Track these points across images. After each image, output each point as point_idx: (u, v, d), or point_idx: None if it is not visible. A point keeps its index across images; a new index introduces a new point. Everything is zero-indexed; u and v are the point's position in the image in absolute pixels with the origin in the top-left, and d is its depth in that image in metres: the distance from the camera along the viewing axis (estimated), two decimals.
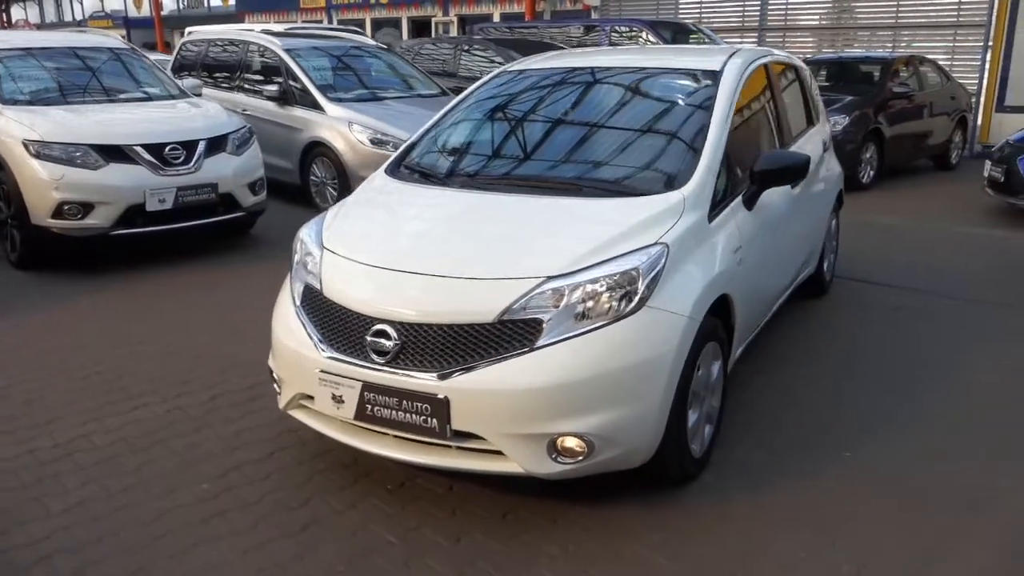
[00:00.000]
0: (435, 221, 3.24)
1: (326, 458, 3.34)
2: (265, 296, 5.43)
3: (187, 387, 4.05)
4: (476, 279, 2.78)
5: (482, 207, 3.27)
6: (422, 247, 3.04)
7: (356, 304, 2.86)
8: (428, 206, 3.38)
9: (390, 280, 2.88)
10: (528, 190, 3.35)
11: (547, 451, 2.68)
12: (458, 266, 2.85)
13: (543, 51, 10.77)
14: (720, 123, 3.44)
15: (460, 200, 3.36)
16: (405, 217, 3.33)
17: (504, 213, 3.19)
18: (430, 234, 3.14)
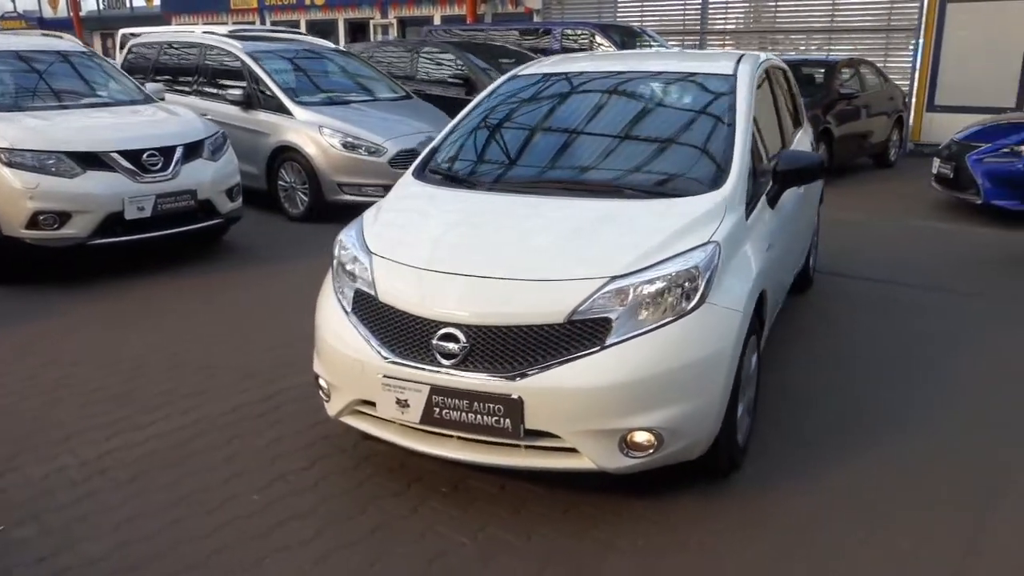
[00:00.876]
0: (484, 224, 3.26)
1: (371, 465, 3.32)
2: (264, 304, 5.42)
3: (204, 399, 3.96)
4: (542, 280, 2.82)
5: (528, 209, 3.31)
6: (480, 250, 3.05)
7: (419, 308, 2.86)
8: (472, 210, 3.40)
9: (454, 283, 2.89)
10: (568, 193, 3.41)
11: (618, 446, 2.74)
12: (522, 268, 2.88)
13: (505, 55, 10.92)
14: (744, 125, 3.56)
15: (503, 203, 3.39)
16: (451, 221, 3.34)
17: (551, 215, 3.23)
18: (483, 237, 3.16)
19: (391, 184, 7.57)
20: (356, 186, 7.74)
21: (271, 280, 5.97)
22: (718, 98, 3.76)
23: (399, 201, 3.63)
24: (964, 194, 7.90)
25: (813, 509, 2.99)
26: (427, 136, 7.99)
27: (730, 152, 3.44)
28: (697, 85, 3.90)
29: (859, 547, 2.77)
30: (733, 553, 2.74)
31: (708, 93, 3.82)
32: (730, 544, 2.78)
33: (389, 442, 3.04)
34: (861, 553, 2.74)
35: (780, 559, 2.71)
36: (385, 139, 7.75)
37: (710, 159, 3.47)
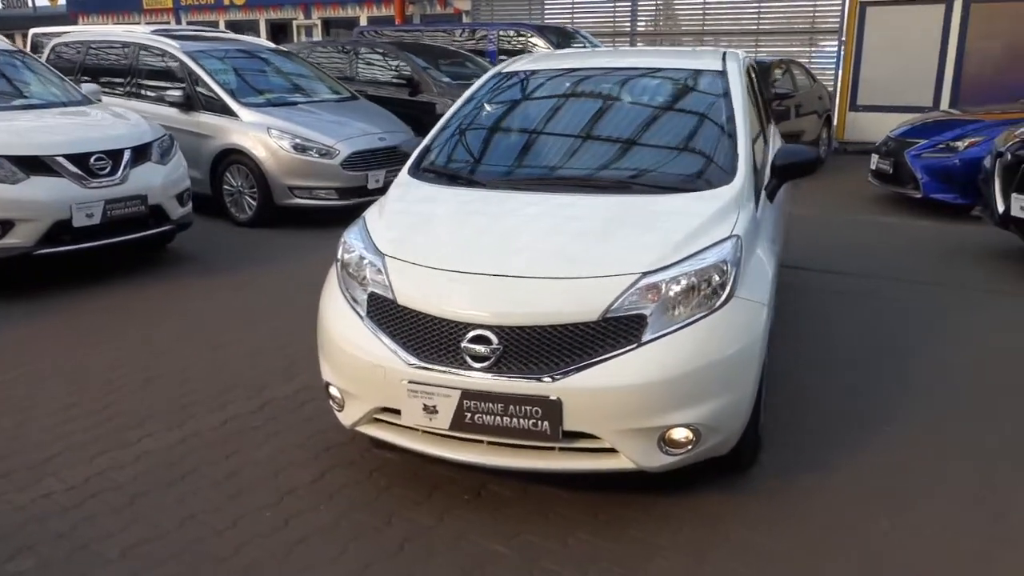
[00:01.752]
0: (500, 223, 3.18)
1: (384, 474, 3.21)
2: (228, 313, 5.18)
3: (188, 413, 3.75)
4: (574, 279, 2.77)
5: (539, 207, 3.25)
6: (503, 249, 2.97)
7: (446, 311, 2.77)
8: (482, 209, 3.31)
9: (481, 284, 2.81)
10: (577, 190, 3.37)
11: (657, 444, 2.71)
12: (551, 267, 2.82)
13: (445, 56, 10.82)
14: (743, 120, 3.59)
15: (513, 201, 3.33)
16: (463, 220, 3.25)
17: (567, 212, 3.18)
18: (503, 236, 3.08)
19: (344, 187, 7.55)
20: (307, 189, 7.53)
21: (230, 288, 5.73)
22: (714, 94, 3.79)
23: (402, 201, 3.51)
24: (904, 189, 8.21)
25: (836, 499, 3.02)
26: (379, 137, 7.87)
27: (734, 147, 3.46)
28: (690, 81, 3.92)
29: (890, 534, 2.81)
30: (774, 546, 2.74)
31: (703, 89, 3.84)
32: (768, 537, 2.79)
33: (410, 450, 2.94)
34: (893, 541, 2.78)
35: (819, 551, 2.72)
36: (337, 141, 7.55)
37: (716, 154, 3.48)
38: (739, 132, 3.52)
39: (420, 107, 9.71)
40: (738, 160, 3.38)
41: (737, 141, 3.47)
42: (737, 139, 3.48)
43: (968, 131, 7.70)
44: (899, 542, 2.76)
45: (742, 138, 3.49)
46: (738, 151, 3.42)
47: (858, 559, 2.67)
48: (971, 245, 6.80)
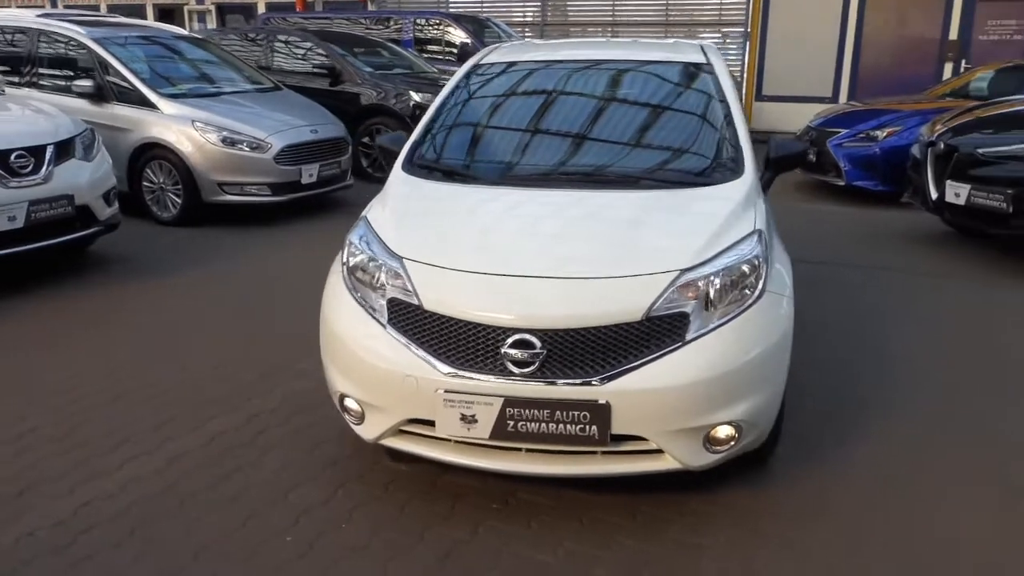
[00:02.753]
0: (520, 221, 3.08)
1: (400, 488, 3.06)
2: (176, 321, 4.85)
3: (167, 434, 3.48)
4: (613, 278, 2.70)
5: (554, 204, 3.16)
6: (532, 250, 2.87)
7: (483, 316, 2.64)
8: (496, 207, 3.19)
9: (519, 286, 2.70)
10: (588, 185, 3.30)
11: (702, 443, 2.68)
12: (587, 266, 2.74)
13: (367, 45, 10.49)
14: (739, 113, 3.61)
15: (525, 198, 3.22)
16: (482, 219, 3.12)
17: (583, 209, 3.11)
18: (528, 235, 2.98)
19: (277, 182, 7.21)
20: (238, 185, 7.16)
21: (173, 293, 5.37)
22: (705, 86, 3.79)
23: (407, 199, 3.34)
24: (827, 176, 8.53)
25: (857, 491, 3.06)
26: (311, 130, 7.58)
27: (736, 139, 3.47)
28: (680, 73, 3.90)
29: (920, 525, 2.87)
30: (813, 541, 2.75)
31: (694, 82, 3.84)
32: (806, 533, 2.79)
33: (440, 462, 2.81)
34: (923, 530, 2.85)
35: (857, 544, 2.75)
36: (268, 134, 7.21)
37: (720, 148, 3.48)
38: (738, 125, 3.53)
39: (342, 97, 9.41)
40: (743, 154, 3.39)
41: (739, 134, 3.48)
42: (738, 132, 3.50)
43: (886, 121, 8.07)
44: (930, 525, 2.83)
45: (742, 131, 3.50)
46: (741, 145, 3.44)
47: (895, 544, 2.73)
48: (903, 230, 7.11)
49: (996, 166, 5.57)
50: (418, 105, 9.26)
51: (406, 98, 9.32)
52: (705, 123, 3.61)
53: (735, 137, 3.48)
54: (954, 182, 5.82)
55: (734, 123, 3.54)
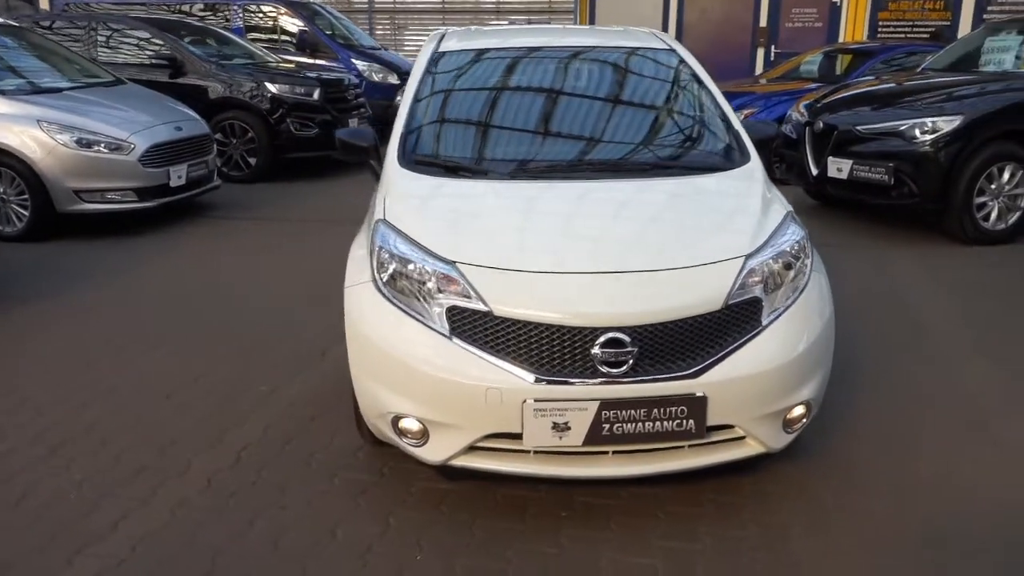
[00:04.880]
0: (563, 215, 2.94)
1: (456, 507, 2.85)
2: (96, 351, 4.24)
3: (149, 483, 3.02)
4: (687, 268, 2.65)
5: (589, 195, 3.06)
6: (591, 244, 2.75)
7: (568, 317, 2.50)
8: (533, 202, 3.02)
9: (599, 283, 2.57)
10: (603, 176, 3.22)
11: (781, 425, 2.71)
12: (657, 258, 2.67)
13: (203, 34, 9.64)
14: (721, 96, 3.67)
15: (558, 192, 3.09)
16: (524, 215, 2.93)
17: (619, 199, 3.03)
18: (580, 229, 2.85)
19: (144, 186, 6.48)
20: (99, 192, 6.37)
21: (62, 319, 4.69)
22: (684, 73, 3.81)
23: (425, 198, 3.08)
24: None
25: (863, 445, 3.23)
26: (175, 127, 6.90)
27: (729, 124, 3.53)
28: (651, 60, 3.89)
29: (922, 464, 3.08)
30: (843, 532, 2.76)
31: (669, 68, 3.85)
32: (833, 523, 2.79)
33: (525, 476, 2.66)
34: (929, 468, 3.05)
35: (874, 495, 2.89)
36: (130, 133, 6.45)
37: (719, 133, 3.51)
38: (727, 109, 3.59)
39: (186, 91, 8.60)
40: (743, 137, 3.45)
41: (730, 118, 3.54)
42: (730, 116, 3.55)
43: (745, 102, 8.58)
44: (933, 468, 3.05)
45: (732, 115, 3.56)
46: (737, 128, 3.49)
47: (908, 488, 2.90)
48: None
49: (875, 142, 6.08)
50: (276, 97, 8.69)
51: (261, 90, 8.70)
52: (698, 108, 3.64)
53: (729, 121, 3.53)
54: (836, 158, 6.29)
55: (721, 108, 3.60)
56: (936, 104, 6.05)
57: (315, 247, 6.24)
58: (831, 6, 13.41)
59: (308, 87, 8.91)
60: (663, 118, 3.63)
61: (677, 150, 3.46)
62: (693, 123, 3.61)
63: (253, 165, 8.80)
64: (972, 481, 3.00)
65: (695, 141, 3.54)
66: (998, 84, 6.15)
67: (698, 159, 3.40)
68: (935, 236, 6.26)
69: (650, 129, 3.56)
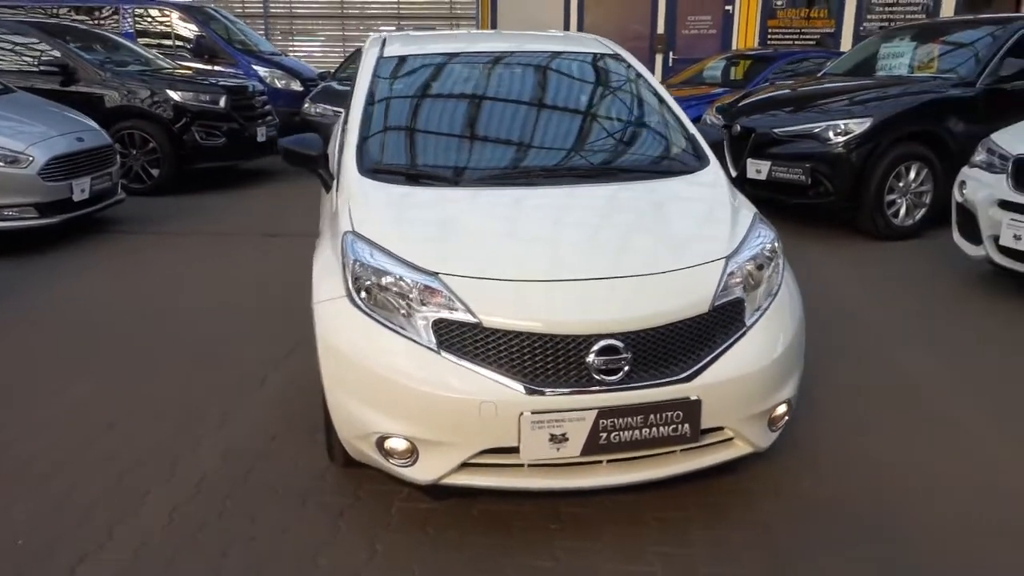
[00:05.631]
0: (540, 222, 2.89)
1: (443, 526, 2.75)
2: (19, 375, 3.84)
3: (102, 522, 2.79)
4: (675, 271, 2.65)
5: (560, 201, 3.02)
6: (575, 250, 2.72)
7: (560, 325, 2.45)
8: (508, 209, 2.96)
9: (588, 290, 2.54)
10: (572, 181, 3.19)
11: (767, 424, 2.75)
12: (640, 262, 2.66)
13: (93, 40, 9.08)
14: (673, 101, 3.71)
15: (526, 198, 3.03)
16: (495, 223, 2.86)
17: (589, 205, 3.01)
18: (560, 236, 2.80)
19: (45, 202, 6.04)
20: None
21: None
22: (633, 77, 3.83)
23: (394, 208, 2.96)
24: None
25: (838, 428, 3.34)
26: (76, 138, 6.48)
27: (685, 128, 3.56)
28: (603, 65, 3.90)
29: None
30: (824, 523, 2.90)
31: (620, 72, 3.86)
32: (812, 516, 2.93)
33: (520, 490, 2.60)
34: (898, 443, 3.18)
35: (862, 512, 3.00)
36: (27, 144, 6.01)
37: (674, 137, 3.54)
38: (678, 113, 3.63)
39: (80, 100, 8.08)
40: (699, 141, 3.49)
41: (685, 123, 3.58)
42: (684, 122, 3.59)
43: None
44: (893, 454, 3.17)
45: (686, 120, 3.60)
46: (692, 132, 3.54)
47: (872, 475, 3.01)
48: None
49: (792, 144, 6.32)
50: (179, 106, 8.29)
51: (163, 98, 8.27)
52: (653, 113, 3.66)
53: (684, 125, 3.57)
54: (755, 160, 6.50)
55: (674, 112, 3.64)
56: (847, 107, 6.34)
57: (236, 261, 5.98)
58: (724, 14, 13.90)
59: (213, 94, 8.54)
60: (623, 123, 3.64)
61: (641, 155, 3.47)
62: (653, 128, 3.63)
63: (155, 176, 8.36)
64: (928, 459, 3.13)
65: (657, 145, 3.56)
66: (901, 88, 6.50)
67: (662, 163, 3.42)
68: (850, 232, 6.55)
69: (613, 134, 3.56)
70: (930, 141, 6.28)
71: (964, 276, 5.49)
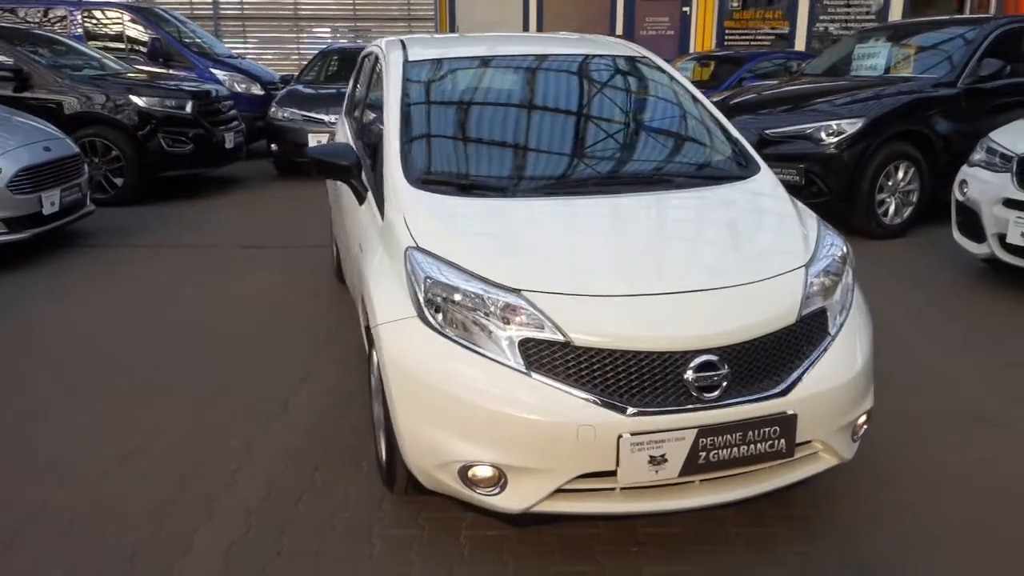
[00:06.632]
0: (608, 234, 2.77)
1: (519, 555, 2.62)
2: (24, 399, 3.57)
3: (154, 564, 2.58)
4: (760, 282, 2.56)
5: (626, 212, 2.91)
6: (658, 263, 2.61)
7: (657, 342, 2.35)
8: (571, 221, 2.83)
9: (681, 305, 2.43)
10: (634, 188, 3.07)
11: (851, 435, 2.68)
12: (726, 274, 2.57)
13: (44, 44, 8.61)
14: (709, 103, 3.64)
15: (591, 208, 2.91)
16: (566, 236, 2.73)
17: (656, 212, 2.91)
18: (636, 248, 2.69)
19: (14, 216, 5.68)
20: None
21: None
22: (671, 81, 3.75)
23: (457, 220, 2.82)
24: None
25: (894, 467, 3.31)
26: (43, 147, 6.13)
27: (728, 131, 3.50)
28: (639, 69, 3.80)
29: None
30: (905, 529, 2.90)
31: (654, 77, 3.77)
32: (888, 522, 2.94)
33: (614, 516, 2.49)
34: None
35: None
36: None
37: (721, 142, 3.47)
38: (721, 117, 3.56)
39: (36, 106, 7.67)
40: (744, 145, 3.43)
41: (726, 126, 3.52)
42: (725, 124, 3.53)
43: None
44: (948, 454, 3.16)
45: (727, 123, 3.54)
46: (736, 136, 3.47)
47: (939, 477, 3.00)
48: None
49: (786, 144, 6.34)
50: (144, 112, 7.93)
51: (125, 104, 7.90)
52: (696, 117, 3.58)
53: (724, 128, 3.50)
54: None
55: (715, 115, 3.57)
56: (838, 108, 6.39)
57: (222, 276, 5.71)
58: (682, 15, 14.01)
59: (179, 99, 8.20)
60: (669, 128, 3.55)
61: (692, 161, 3.39)
62: (698, 132, 3.55)
63: (119, 186, 7.98)
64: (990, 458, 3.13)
65: (705, 151, 3.48)
66: (888, 88, 6.58)
67: (714, 169, 3.34)
68: (842, 232, 6.58)
69: (660, 140, 3.47)
70: (917, 140, 6.37)
71: (964, 272, 5.57)
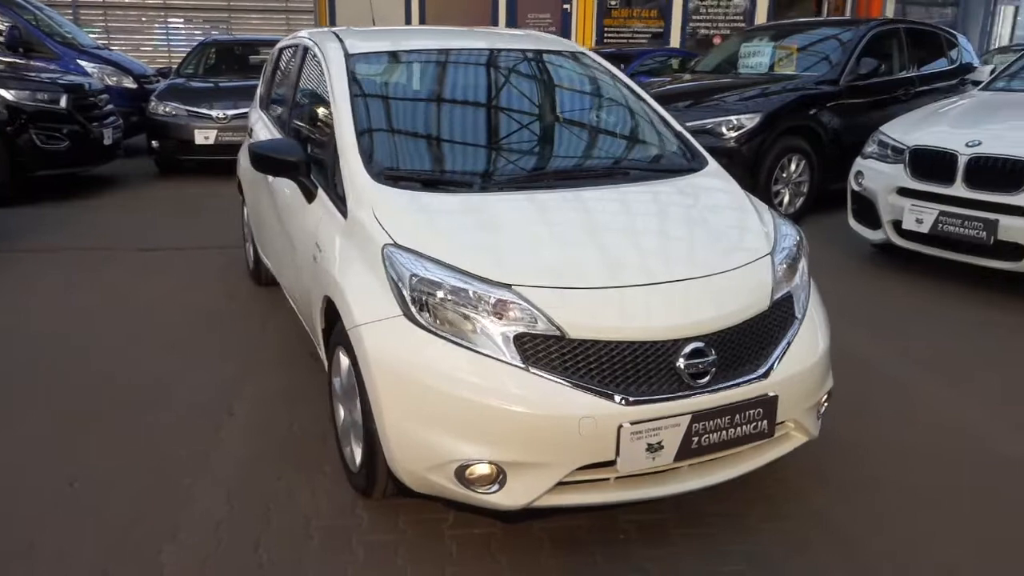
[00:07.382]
0: (580, 226, 2.77)
1: (513, 550, 2.61)
2: None
3: None
4: (735, 270, 2.65)
5: (590, 204, 2.93)
6: (637, 254, 2.65)
7: (649, 331, 2.39)
8: (542, 214, 2.81)
9: (670, 293, 2.48)
10: (595, 182, 3.10)
11: (816, 413, 2.82)
12: (702, 262, 2.64)
13: None
14: (652, 99, 3.73)
15: (556, 202, 2.90)
16: (542, 229, 2.71)
17: (618, 206, 2.95)
18: (612, 240, 2.71)
19: None
20: None
21: None
22: (614, 77, 3.80)
23: (428, 216, 2.74)
24: None
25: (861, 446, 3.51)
26: None
27: (672, 126, 3.59)
28: (581, 65, 3.83)
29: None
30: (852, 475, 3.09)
31: (594, 73, 3.81)
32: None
33: (609, 505, 2.51)
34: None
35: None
36: None
37: (667, 135, 3.55)
38: (663, 112, 3.65)
39: None
40: (688, 138, 3.53)
41: (669, 121, 3.61)
42: (668, 119, 3.62)
43: None
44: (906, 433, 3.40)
45: (670, 117, 3.63)
46: (680, 130, 3.57)
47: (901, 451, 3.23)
48: None
49: None
50: (13, 106, 7.31)
51: None
52: (643, 112, 3.64)
53: (669, 123, 3.59)
54: None
55: (658, 110, 3.65)
56: (737, 103, 6.69)
57: (126, 281, 5.36)
58: (563, 12, 14.25)
59: (52, 92, 7.60)
60: (621, 123, 3.60)
61: (646, 154, 3.46)
62: (648, 127, 3.61)
63: None
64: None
65: (657, 144, 3.55)
66: (775, 85, 6.94)
67: (667, 162, 3.42)
68: None
69: (616, 134, 3.53)
70: (806, 134, 6.76)
71: (856, 256, 5.96)
